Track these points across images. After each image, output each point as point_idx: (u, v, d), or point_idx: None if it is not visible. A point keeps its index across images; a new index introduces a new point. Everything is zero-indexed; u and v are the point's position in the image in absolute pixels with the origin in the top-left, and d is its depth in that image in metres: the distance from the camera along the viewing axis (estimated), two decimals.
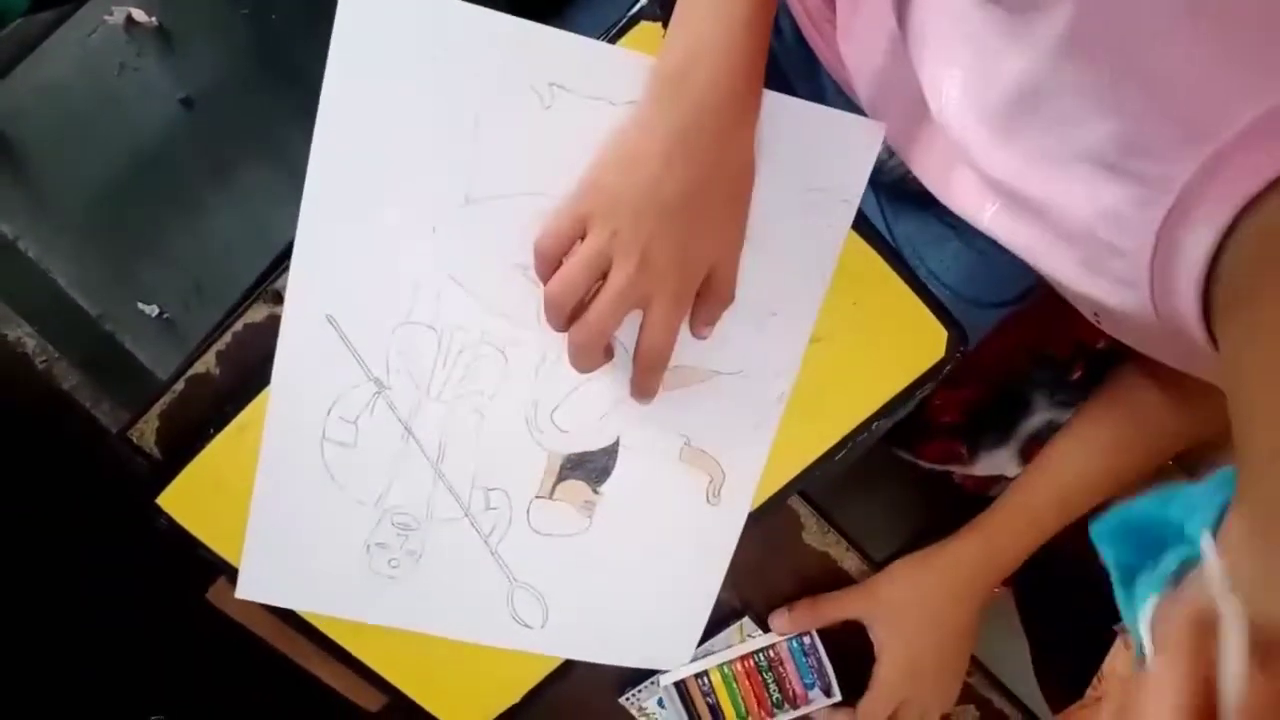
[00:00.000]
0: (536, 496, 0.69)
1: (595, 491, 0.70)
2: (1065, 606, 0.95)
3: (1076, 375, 0.91)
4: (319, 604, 0.71)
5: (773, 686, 0.76)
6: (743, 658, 0.76)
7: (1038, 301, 0.87)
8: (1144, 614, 0.32)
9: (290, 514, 0.68)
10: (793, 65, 0.79)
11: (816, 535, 0.77)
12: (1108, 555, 0.34)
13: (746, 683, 0.76)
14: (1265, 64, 0.35)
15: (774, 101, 0.62)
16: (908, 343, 0.71)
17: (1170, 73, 0.38)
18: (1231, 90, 0.36)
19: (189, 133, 1.02)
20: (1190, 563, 0.31)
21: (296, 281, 0.63)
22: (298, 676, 0.77)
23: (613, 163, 0.59)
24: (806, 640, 0.76)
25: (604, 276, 0.57)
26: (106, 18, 0.96)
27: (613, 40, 0.63)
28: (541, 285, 0.59)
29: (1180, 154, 0.38)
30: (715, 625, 0.76)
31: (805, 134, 0.63)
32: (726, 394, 0.68)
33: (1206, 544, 0.30)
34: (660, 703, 0.77)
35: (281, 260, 0.66)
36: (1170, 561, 0.32)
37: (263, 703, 0.91)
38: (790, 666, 0.76)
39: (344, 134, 0.60)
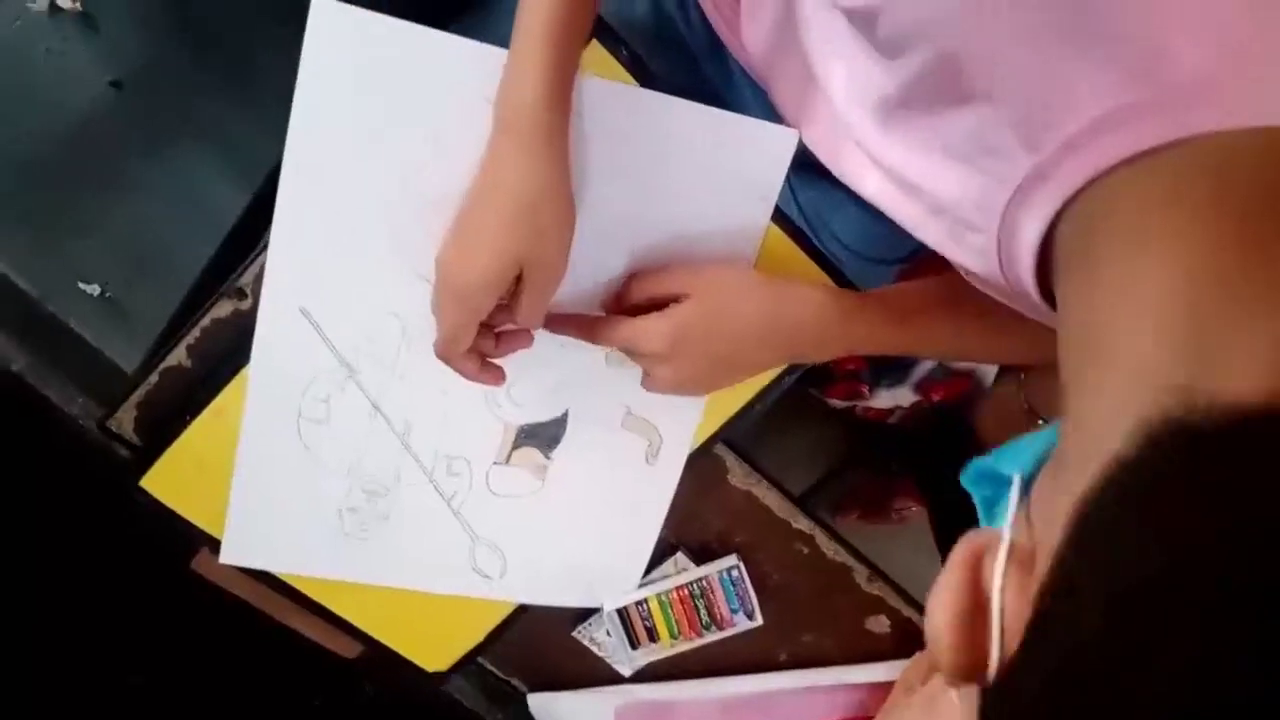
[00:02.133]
0: (494, 463, 0.77)
1: (547, 457, 0.78)
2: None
3: None
4: (297, 565, 0.78)
5: (703, 612, 0.87)
6: (678, 587, 0.86)
7: (930, 257, 0.97)
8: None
9: (269, 485, 0.74)
10: (700, 48, 0.85)
11: (740, 476, 0.87)
12: (975, 493, 0.42)
13: (680, 608, 0.87)
14: (1081, 91, 0.45)
15: (694, 111, 0.69)
16: None
17: (1012, 92, 0.48)
18: (1058, 105, 0.45)
19: (121, 114, 1.04)
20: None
21: (272, 278, 0.68)
22: (270, 640, 0.84)
23: None
24: (735, 573, 0.87)
25: None
26: (30, 4, 0.97)
27: None
28: None
29: (1020, 156, 0.48)
30: (653, 561, 0.86)
31: (723, 143, 0.70)
32: None
33: (1015, 485, 0.37)
34: (608, 633, 0.87)
35: (229, 248, 0.69)
36: (1003, 504, 0.39)
37: (238, 666, 0.97)
38: (719, 595, 0.87)
39: (314, 145, 0.65)
